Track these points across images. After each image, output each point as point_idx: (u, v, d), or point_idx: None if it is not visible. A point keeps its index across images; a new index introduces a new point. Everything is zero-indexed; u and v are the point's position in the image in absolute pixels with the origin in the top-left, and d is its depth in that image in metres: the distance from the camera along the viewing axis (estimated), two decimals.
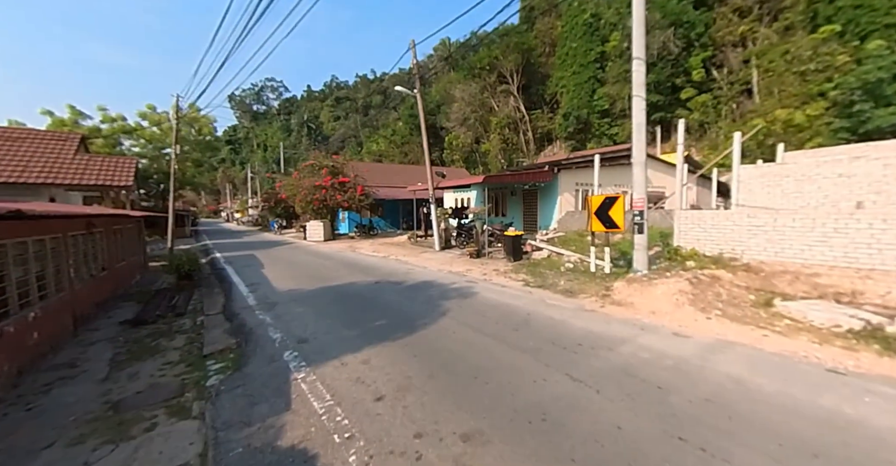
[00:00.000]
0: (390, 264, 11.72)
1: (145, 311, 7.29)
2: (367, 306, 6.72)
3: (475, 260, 12.00)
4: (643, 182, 7.46)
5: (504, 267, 10.47)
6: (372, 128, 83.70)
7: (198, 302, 8.05)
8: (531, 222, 15.43)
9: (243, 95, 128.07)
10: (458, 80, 50.72)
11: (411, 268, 10.69)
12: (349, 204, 19.80)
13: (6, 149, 13.00)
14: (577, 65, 39.30)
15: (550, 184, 14.03)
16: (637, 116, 7.39)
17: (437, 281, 8.66)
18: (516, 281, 8.61)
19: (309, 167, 21.28)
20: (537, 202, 14.98)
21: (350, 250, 15.96)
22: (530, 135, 44.98)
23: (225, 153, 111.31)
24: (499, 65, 45.50)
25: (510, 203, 16.73)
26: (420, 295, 7.38)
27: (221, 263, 13.20)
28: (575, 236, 12.07)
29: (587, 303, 6.45)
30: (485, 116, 47.24)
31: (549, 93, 45.03)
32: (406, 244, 17.63)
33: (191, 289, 9.22)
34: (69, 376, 4.76)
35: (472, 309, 6.31)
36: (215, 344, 5.44)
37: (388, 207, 25.73)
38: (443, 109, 55.72)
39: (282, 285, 8.81)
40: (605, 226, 7.44)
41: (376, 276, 9.56)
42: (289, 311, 6.55)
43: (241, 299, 7.71)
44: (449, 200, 20.92)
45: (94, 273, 7.56)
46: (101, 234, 8.31)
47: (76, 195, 15.73)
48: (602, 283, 7.48)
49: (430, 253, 14.14)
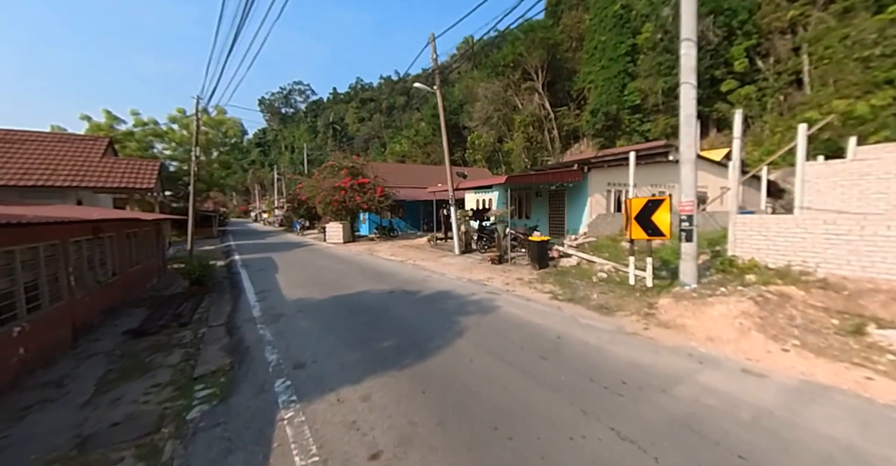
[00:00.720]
0: (407, 270, 11.11)
1: (150, 320, 6.97)
2: (376, 321, 6.10)
3: (497, 266, 11.20)
4: (693, 182, 6.47)
5: (528, 275, 9.63)
6: (395, 129, 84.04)
7: (205, 311, 7.70)
8: (558, 225, 14.45)
9: (272, 99, 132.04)
10: (481, 79, 49.83)
11: (429, 275, 10.03)
12: (368, 205, 19.41)
13: (38, 152, 13.34)
14: (606, 59, 37.57)
15: (579, 185, 13.02)
16: (686, 107, 6.40)
17: (455, 292, 7.94)
18: (542, 292, 7.77)
19: (329, 168, 21.08)
20: (564, 204, 13.99)
21: (368, 253, 15.51)
22: (556, 133, 43.50)
23: (255, 155, 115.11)
24: (523, 61, 44.28)
25: (535, 204, 15.79)
26: (435, 309, 6.69)
27: (238, 266, 13.01)
28: (607, 241, 11.05)
29: (627, 324, 5.55)
30: (508, 115, 46.12)
31: (576, 90, 43.38)
32: (425, 247, 17.01)
33: (201, 295, 8.93)
34: (51, 398, 4.37)
35: (493, 327, 5.56)
36: (208, 364, 4.95)
37: (408, 208, 25.25)
38: (465, 108, 54.96)
39: (292, 293, 8.35)
40: (648, 232, 6.49)
41: (391, 284, 8.95)
42: (292, 326, 6.02)
43: (246, 309, 7.28)
44: (470, 201, 20.15)
45: (101, 279, 7.33)
46: (111, 239, 8.12)
47: (106, 197, 16.08)
48: (643, 298, 6.54)
49: (449, 257, 13.44)
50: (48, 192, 12.36)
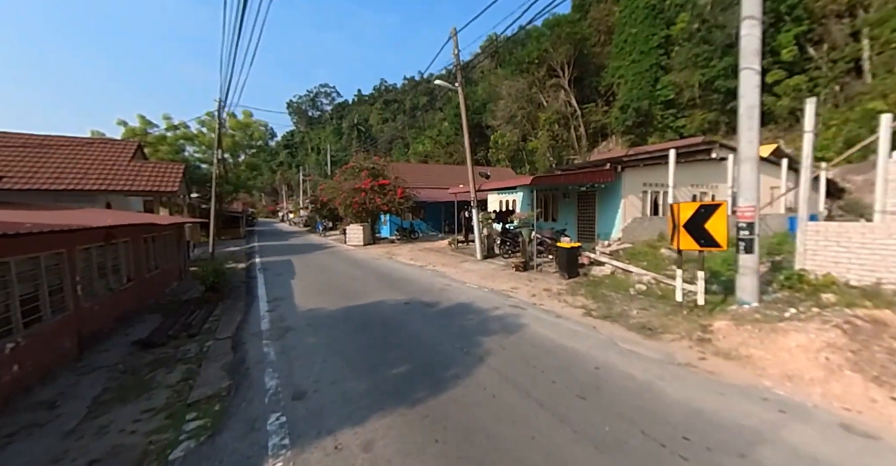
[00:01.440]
0: (426, 276, 10.55)
1: (160, 330, 6.72)
2: (389, 339, 5.55)
3: (522, 274, 10.45)
4: (755, 184, 5.54)
5: (557, 285, 8.85)
6: (418, 129, 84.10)
7: (215, 320, 7.41)
8: (587, 229, 13.50)
9: (299, 102, 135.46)
10: (505, 77, 48.76)
11: (448, 284, 9.42)
12: (389, 207, 19.03)
13: (70, 157, 13.70)
14: (636, 52, 35.80)
15: (612, 185, 12.06)
16: (747, 95, 5.48)
17: (476, 305, 7.29)
18: (573, 307, 7.00)
19: (350, 169, 20.87)
20: (595, 206, 13.03)
21: (387, 256, 15.09)
22: (582, 131, 41.92)
23: (283, 156, 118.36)
24: (548, 58, 42.95)
25: (562, 207, 14.87)
26: (454, 326, 6.07)
27: (256, 270, 12.87)
28: (645, 248, 10.08)
29: (678, 351, 4.74)
30: (533, 113, 44.87)
31: (605, 85, 41.65)
32: (446, 250, 16.43)
33: (215, 302, 8.70)
34: (39, 422, 4.05)
35: (519, 352, 4.88)
36: (206, 386, 4.55)
37: (430, 210, 24.76)
38: (488, 107, 54.03)
39: (304, 302, 7.95)
40: (700, 242, 5.61)
41: (408, 294, 8.41)
42: (299, 343, 5.55)
43: (256, 320, 6.91)
44: (493, 203, 19.40)
45: (113, 286, 7.17)
46: (126, 244, 8.00)
47: (136, 200, 16.44)
48: (694, 318, 5.67)
49: (470, 262, 12.78)
50: (79, 196, 12.60)
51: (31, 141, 14.05)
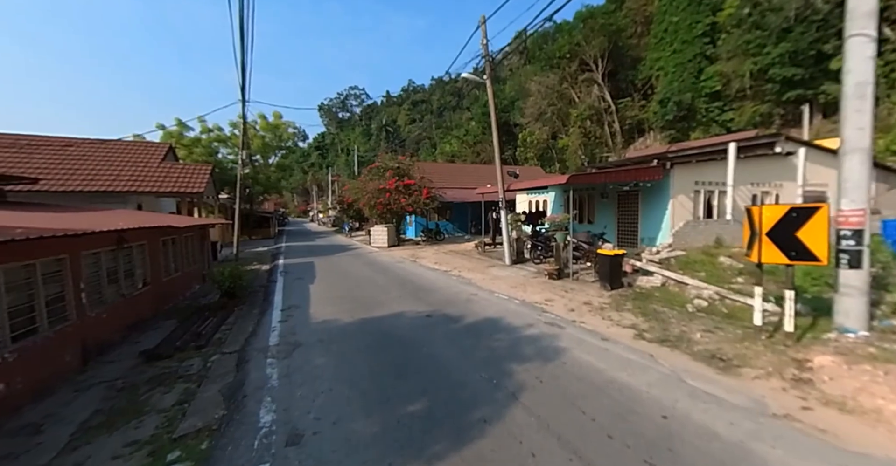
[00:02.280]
0: (451, 283, 9.79)
1: (169, 340, 6.34)
2: (407, 362, 4.83)
3: (556, 282, 9.48)
4: (865, 182, 4.39)
5: (598, 298, 7.83)
6: (445, 129, 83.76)
7: (227, 329, 6.99)
8: (629, 233, 12.28)
9: (330, 104, 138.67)
10: (534, 73, 47.25)
11: (474, 293, 8.61)
12: (413, 207, 18.43)
13: (104, 159, 14.02)
14: (678, 42, 33.48)
15: (659, 184, 10.81)
16: (858, 69, 4.32)
17: (506, 321, 6.44)
18: (621, 326, 6.01)
19: (374, 169, 20.46)
20: (638, 207, 11.80)
21: (411, 260, 14.46)
22: (617, 127, 39.83)
23: (314, 158, 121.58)
24: (581, 52, 41.11)
25: (599, 208, 13.69)
26: (481, 347, 5.27)
27: (277, 273, 12.58)
28: (701, 256, 8.83)
29: (769, 395, 3.71)
30: (563, 109, 43.16)
31: (642, 78, 39.35)
32: (472, 253, 15.61)
33: (231, 308, 8.34)
34: (16, 453, 3.63)
35: (561, 388, 4.01)
36: (197, 415, 3.99)
37: (456, 210, 24.01)
38: (516, 105, 52.66)
39: (319, 313, 7.39)
40: (790, 255, 4.50)
41: (430, 304, 7.67)
42: (305, 364, 4.94)
43: (265, 332, 6.40)
44: (522, 204, 18.37)
45: (126, 292, 6.89)
46: (142, 247, 7.77)
47: (169, 201, 16.73)
48: (781, 349, 4.57)
49: (498, 268, 11.90)
50: (111, 197, 12.79)
51: (71, 144, 14.53)
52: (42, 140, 14.21)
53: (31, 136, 14.23)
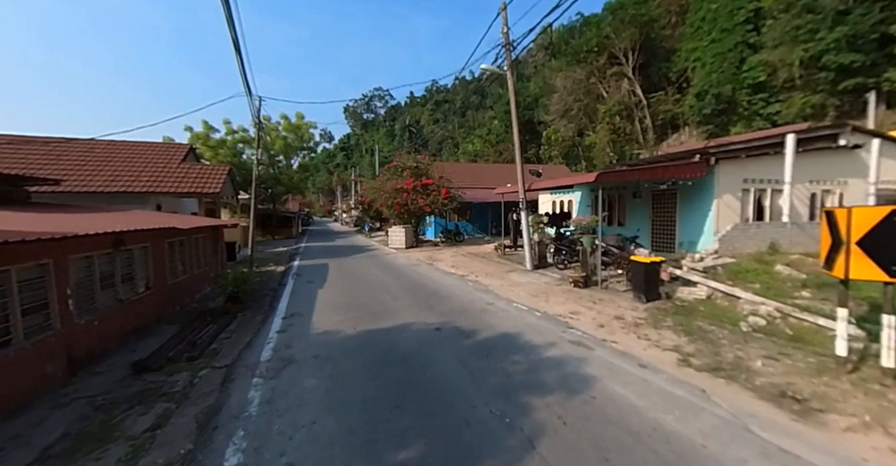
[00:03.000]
0: (466, 290, 9.07)
1: (160, 352, 5.94)
2: (407, 388, 4.17)
3: (582, 291, 8.58)
4: None
5: (631, 311, 6.91)
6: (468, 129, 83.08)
7: (225, 338, 6.58)
8: (665, 237, 11.15)
9: (355, 106, 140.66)
10: (560, 68, 45.68)
11: (491, 302, 7.86)
12: (432, 208, 17.81)
13: (126, 160, 14.21)
14: (717, 30, 31.27)
15: (701, 182, 9.67)
16: None
17: (525, 338, 5.67)
18: (660, 348, 5.12)
19: (392, 168, 20.00)
20: (676, 208, 10.67)
21: (427, 262, 13.84)
22: (648, 123, 37.80)
23: (339, 158, 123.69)
24: (610, 44, 39.31)
25: (631, 209, 12.58)
26: (494, 371, 4.54)
27: (290, 275, 12.27)
28: (753, 264, 7.70)
29: (872, 460, 2.80)
30: (590, 105, 41.44)
31: (676, 71, 37.12)
32: (492, 256, 14.82)
33: (235, 314, 7.98)
34: None
35: (588, 434, 3.23)
36: (161, 450, 3.49)
37: (476, 211, 23.23)
38: (541, 102, 51.16)
39: (322, 322, 6.87)
40: (893, 272, 3.52)
41: (442, 315, 6.99)
42: (293, 387, 4.37)
43: (261, 344, 5.91)
44: (545, 204, 17.39)
45: (124, 296, 6.61)
46: (144, 249, 7.52)
47: (191, 201, 16.86)
48: (879, 390, 3.59)
49: (518, 273, 11.07)
50: (131, 198, 12.89)
51: (97, 145, 14.85)
52: (70, 142, 14.59)
53: (61, 139, 14.64)
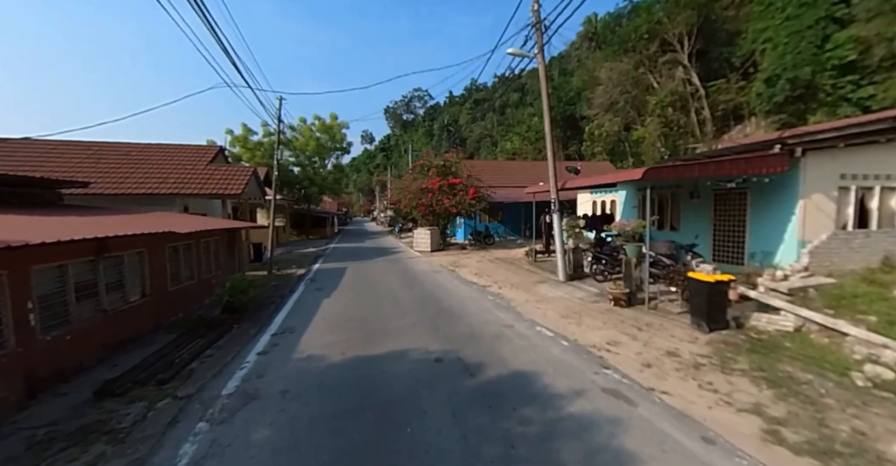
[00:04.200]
0: (484, 306, 7.90)
1: (132, 372, 5.37)
2: (378, 453, 3.14)
3: (624, 311, 7.09)
4: None
5: (689, 344, 5.40)
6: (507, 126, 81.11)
7: (209, 357, 5.95)
8: (731, 246, 9.25)
9: (395, 106, 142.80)
10: (605, 59, 42.67)
11: (510, 324, 6.64)
12: (458, 209, 16.70)
13: (157, 163, 14.48)
14: (794, 5, 27.28)
15: (782, 179, 7.77)
16: None
17: (544, 381, 4.42)
18: (733, 404, 3.68)
19: (418, 168, 19.13)
20: (746, 211, 8.76)
21: (450, 268, 12.78)
22: (706, 114, 34.07)
23: (379, 159, 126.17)
24: (662, 30, 35.92)
25: (687, 211, 10.70)
26: (495, 433, 3.37)
27: (304, 280, 11.73)
28: (863, 287, 5.83)
29: None
30: (639, 97, 38.22)
31: (740, 55, 33.04)
32: (521, 262, 13.45)
33: (230, 325, 7.40)
34: None
35: None
36: None
37: (509, 211, 21.79)
38: (583, 96, 48.21)
39: (310, 343, 6.03)
40: None
41: (448, 340, 5.90)
42: (238, 439, 3.48)
43: (234, 369, 5.16)
44: (584, 204, 15.67)
45: (110, 306, 6.17)
46: (139, 255, 7.13)
47: (218, 202, 17.06)
48: None
49: (549, 285, 9.68)
50: (158, 199, 13.04)
51: (133, 149, 15.34)
52: (109, 146, 15.17)
53: (102, 143, 15.28)
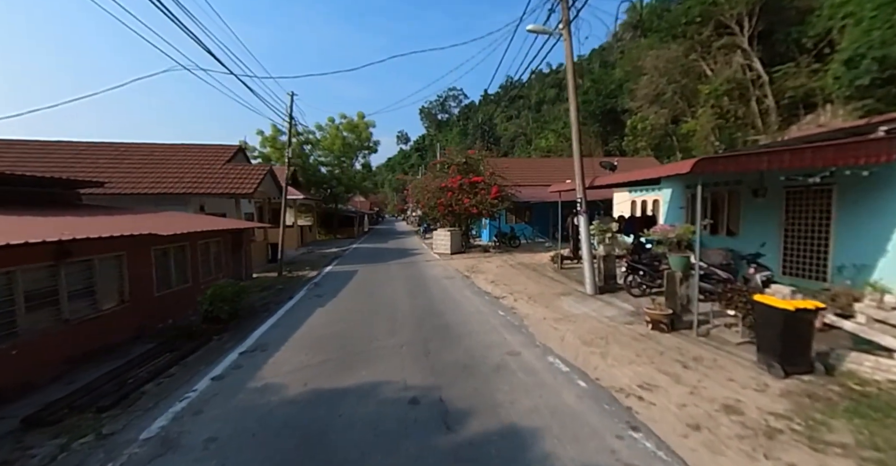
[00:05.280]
0: (492, 325, 6.71)
1: (75, 394, 4.77)
2: None
3: (666, 338, 5.64)
4: None
5: (756, 393, 3.95)
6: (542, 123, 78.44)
7: (167, 376, 5.27)
8: (809, 256, 7.40)
9: (430, 107, 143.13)
10: (650, 46, 39.44)
11: (517, 351, 5.43)
12: (478, 209, 15.46)
13: (176, 163, 14.53)
14: None
15: (886, 172, 5.93)
16: None
17: (547, 448, 3.21)
18: None
19: (438, 165, 18.09)
20: (832, 212, 6.91)
21: (465, 274, 11.65)
22: (770, 103, 30.29)
23: (414, 159, 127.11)
24: (717, 12, 32.43)
25: (748, 213, 8.85)
26: None
27: (309, 285, 11.08)
28: None
29: None
30: (689, 86, 34.89)
31: (813, 35, 28.98)
32: (546, 269, 12.05)
33: (209, 337, 6.78)
34: None
35: None
36: None
37: (537, 211, 20.21)
38: (625, 88, 44.95)
39: (275, 367, 5.17)
40: None
41: (434, 372, 4.80)
42: None
43: (171, 403, 4.38)
44: (621, 205, 13.92)
45: (69, 317, 5.58)
46: (117, 259, 6.67)
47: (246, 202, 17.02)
48: None
49: (574, 298, 8.29)
50: (174, 199, 12.98)
51: (156, 149, 15.57)
52: (134, 146, 15.50)
53: (129, 144, 15.65)
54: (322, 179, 29.33)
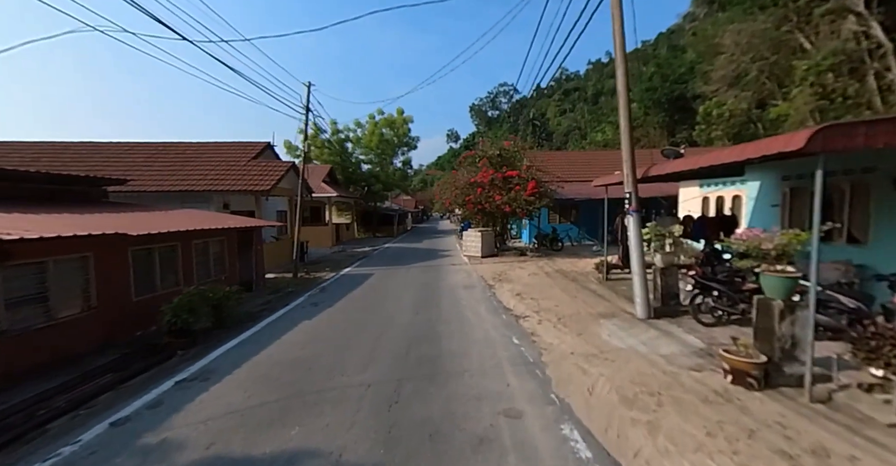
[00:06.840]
0: (497, 360, 5.07)
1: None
2: None
3: (756, 401, 3.61)
4: None
5: None
6: (598, 116, 73.24)
7: (90, 407, 4.38)
8: None
9: (480, 104, 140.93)
10: (731, 20, 34.23)
11: (519, 412, 3.77)
12: (511, 206, 13.57)
13: (203, 161, 14.49)
14: None
15: None
16: None
17: None
18: None
19: (469, 158, 16.43)
20: None
21: (489, 283, 10.00)
22: (893, 77, 24.38)
23: None
24: None
25: (882, 212, 6.17)
26: None
27: (313, 289, 10.15)
28: None
29: None
30: (780, 63, 29.57)
31: None
32: (588, 278, 10.00)
33: (174, 351, 5.92)
34: None
35: None
36: None
37: (585, 210, 17.72)
38: (697, 71, 39.59)
39: (199, 408, 4.03)
40: None
41: (386, 441, 3.32)
42: None
43: (42, 457, 3.39)
44: (689, 202, 11.29)
45: (5, 327, 5.00)
46: (83, 260, 6.07)
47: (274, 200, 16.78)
48: None
49: (618, 323, 6.31)
50: (198, 196, 12.86)
51: (189, 148, 15.77)
52: (169, 145, 15.82)
53: (164, 143, 16.06)
54: (360, 177, 29.06)
